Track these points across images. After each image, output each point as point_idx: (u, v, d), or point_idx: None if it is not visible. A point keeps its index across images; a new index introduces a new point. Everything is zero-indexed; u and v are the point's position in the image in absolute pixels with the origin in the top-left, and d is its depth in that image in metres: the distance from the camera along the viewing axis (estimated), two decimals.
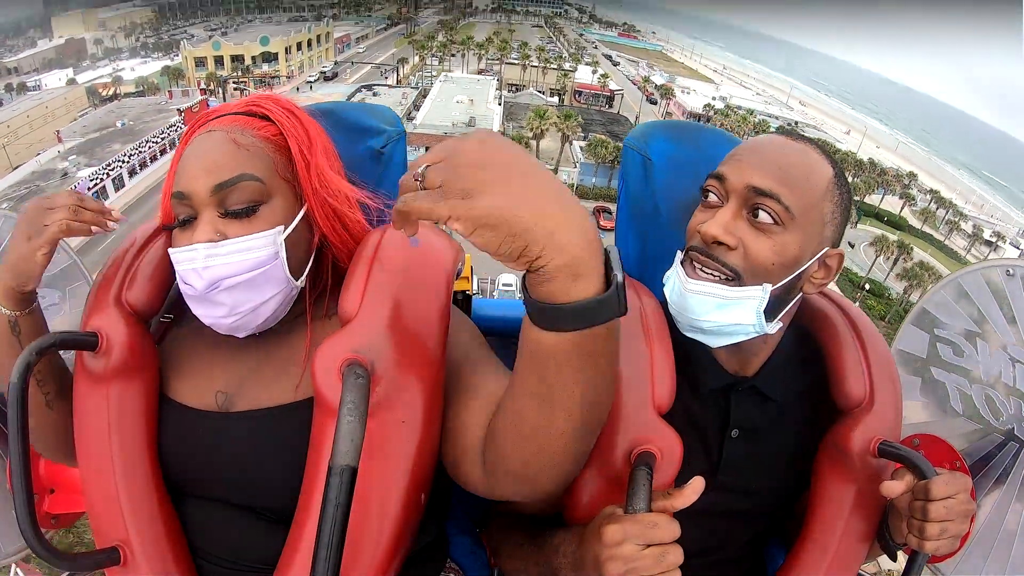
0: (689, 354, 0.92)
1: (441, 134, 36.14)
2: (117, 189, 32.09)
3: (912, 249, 33.67)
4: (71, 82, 55.75)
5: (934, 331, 1.14)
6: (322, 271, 0.91)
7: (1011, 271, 1.08)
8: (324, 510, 0.60)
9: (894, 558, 0.90)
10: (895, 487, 0.80)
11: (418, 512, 0.81)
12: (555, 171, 36.99)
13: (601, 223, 33.07)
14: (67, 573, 1.18)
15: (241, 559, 0.83)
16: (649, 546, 0.68)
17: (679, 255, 0.90)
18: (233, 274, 0.77)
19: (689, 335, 0.90)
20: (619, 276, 0.53)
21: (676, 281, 0.87)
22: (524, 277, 0.55)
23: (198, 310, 0.80)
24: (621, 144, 1.14)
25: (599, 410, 0.64)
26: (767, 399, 0.94)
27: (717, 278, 0.83)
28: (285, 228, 0.80)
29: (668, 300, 0.89)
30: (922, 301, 1.17)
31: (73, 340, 0.80)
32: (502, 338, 1.09)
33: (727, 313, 0.84)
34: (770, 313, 0.85)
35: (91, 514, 0.85)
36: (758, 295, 0.82)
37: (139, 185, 33.45)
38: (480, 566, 1.12)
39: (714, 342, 0.89)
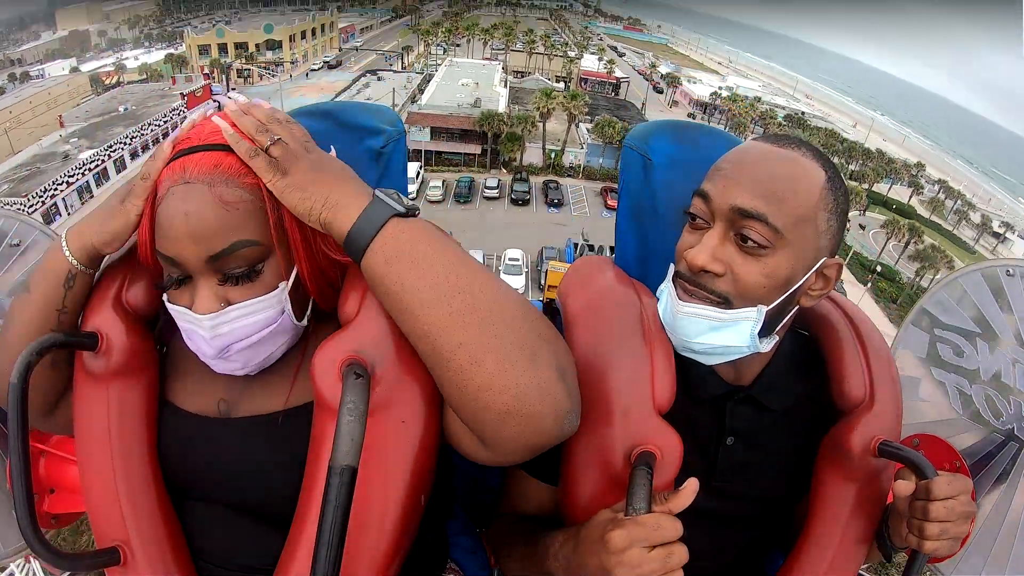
0: (685, 361, 0.90)
1: (446, 114, 35.79)
2: (119, 171, 32.03)
3: (923, 232, 33.38)
4: (74, 71, 55.66)
5: (934, 331, 1.13)
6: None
7: (1011, 271, 1.07)
8: (324, 510, 0.60)
9: (889, 560, 0.90)
10: (908, 486, 0.79)
11: (418, 513, 0.81)
12: (562, 151, 36.62)
13: (608, 203, 32.91)
14: (67, 573, 1.18)
15: (241, 560, 0.83)
16: (654, 547, 0.68)
17: (672, 270, 0.88)
18: (242, 338, 0.76)
19: (682, 354, 0.89)
20: (377, 192, 0.72)
21: (668, 302, 0.86)
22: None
23: (210, 362, 0.79)
24: (628, 125, 0.91)
25: (466, 296, 0.68)
26: (764, 408, 0.92)
27: (709, 301, 0.81)
28: (287, 281, 0.78)
29: (662, 319, 0.88)
30: (922, 301, 1.15)
31: (73, 340, 0.79)
32: None
33: (721, 336, 0.82)
34: (764, 331, 0.83)
35: (91, 514, 0.84)
36: (752, 316, 0.81)
37: (140, 168, 33.35)
38: (480, 566, 1.12)
39: (708, 361, 0.88)
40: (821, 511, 0.91)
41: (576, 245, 22.03)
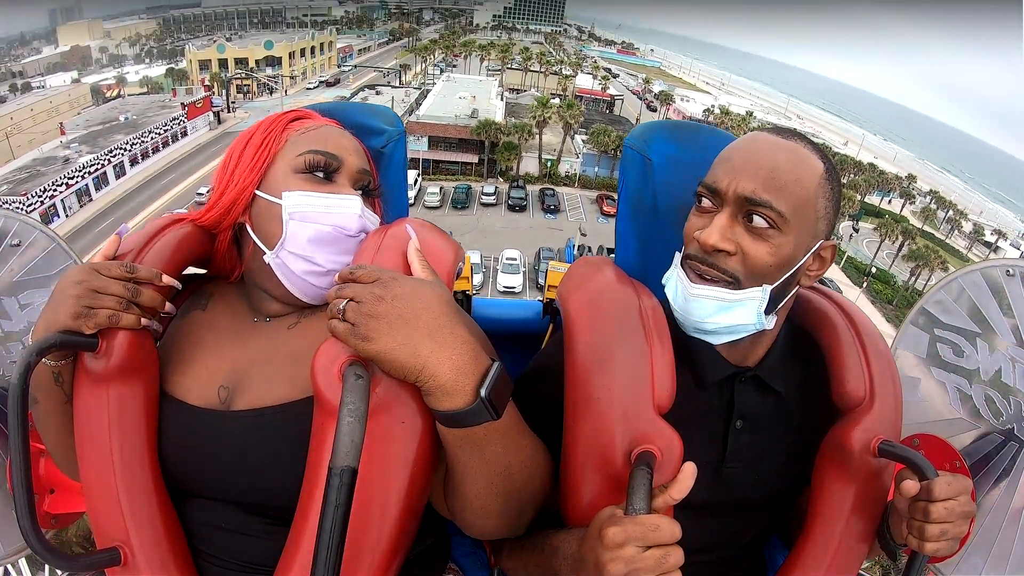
0: (691, 348, 0.93)
1: (444, 124, 36.24)
2: (118, 176, 32.18)
3: (916, 235, 33.70)
4: (75, 82, 55.91)
5: (934, 331, 1.13)
6: None
7: (1011, 271, 1.07)
8: (324, 511, 0.60)
9: (895, 558, 0.90)
10: (914, 486, 0.79)
11: (418, 514, 0.81)
12: (558, 160, 37.05)
13: (605, 209, 33.38)
14: (67, 573, 1.17)
15: (241, 559, 0.83)
16: (650, 548, 0.68)
17: (677, 256, 0.91)
18: (366, 227, 0.91)
19: (693, 336, 0.92)
20: (483, 393, 0.70)
21: (679, 286, 0.89)
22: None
23: (300, 265, 0.88)
24: (623, 134, 1.07)
25: (507, 481, 0.80)
26: (769, 389, 0.95)
27: (719, 283, 0.85)
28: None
29: (672, 304, 0.91)
30: (922, 301, 1.16)
31: (73, 341, 0.78)
32: (501, 338, 1.08)
33: (730, 315, 0.86)
34: (767, 309, 0.87)
35: (91, 514, 0.84)
36: (759, 296, 0.85)
37: (140, 174, 33.52)
38: (480, 566, 1.13)
39: (717, 340, 0.92)
40: (822, 510, 0.91)
41: (576, 246, 22.25)
